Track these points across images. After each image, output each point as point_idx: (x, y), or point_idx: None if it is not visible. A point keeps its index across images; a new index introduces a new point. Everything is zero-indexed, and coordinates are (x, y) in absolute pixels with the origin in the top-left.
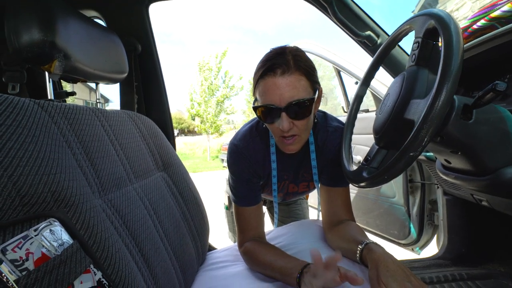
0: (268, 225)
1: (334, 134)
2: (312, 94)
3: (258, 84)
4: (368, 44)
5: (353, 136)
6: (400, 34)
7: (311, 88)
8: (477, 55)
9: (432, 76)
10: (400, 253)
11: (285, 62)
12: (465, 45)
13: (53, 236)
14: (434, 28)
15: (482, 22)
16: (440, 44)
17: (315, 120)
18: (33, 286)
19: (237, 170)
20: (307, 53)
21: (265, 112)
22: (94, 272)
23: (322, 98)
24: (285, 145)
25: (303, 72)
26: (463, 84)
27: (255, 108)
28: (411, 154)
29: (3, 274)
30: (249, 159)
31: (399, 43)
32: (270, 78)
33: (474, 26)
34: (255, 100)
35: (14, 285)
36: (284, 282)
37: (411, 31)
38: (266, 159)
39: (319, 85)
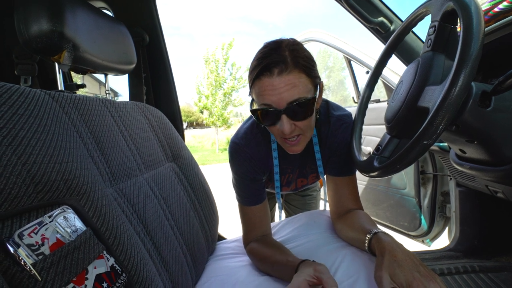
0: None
1: (336, 124)
2: (313, 92)
3: (254, 85)
4: (380, 31)
5: (363, 127)
6: (415, 19)
7: (311, 85)
8: (498, 39)
9: (448, 62)
10: (410, 245)
11: (282, 60)
12: (485, 29)
13: (67, 222)
14: (452, 11)
15: (504, 4)
16: (458, 29)
17: (317, 115)
18: (49, 269)
19: (240, 170)
20: (317, 43)
21: (264, 114)
22: (107, 258)
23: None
24: (288, 146)
25: (302, 69)
26: (481, 71)
27: (253, 112)
28: (424, 142)
29: (21, 258)
30: (251, 157)
31: (413, 30)
32: (267, 79)
33: (496, 9)
34: (252, 100)
35: (32, 268)
36: (285, 280)
37: (427, 15)
38: (268, 156)
39: (320, 79)
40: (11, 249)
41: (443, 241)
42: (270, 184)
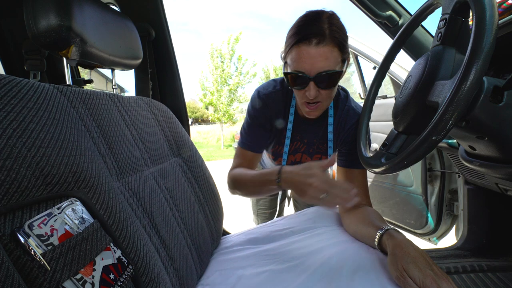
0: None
1: (347, 113)
2: (341, 67)
3: (291, 50)
4: (388, 26)
5: (370, 123)
6: (425, 12)
7: (341, 59)
8: (511, 33)
9: (459, 55)
10: (416, 243)
11: (321, 32)
12: (499, 22)
13: (75, 214)
14: (464, 3)
15: None
16: (470, 22)
17: (339, 96)
18: (58, 260)
19: (253, 113)
20: None
21: (295, 78)
22: (114, 250)
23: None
24: (307, 110)
25: (336, 43)
26: (493, 67)
27: (285, 74)
28: (433, 138)
29: (31, 248)
30: (268, 106)
31: (422, 24)
32: (304, 47)
33: (510, 1)
34: (285, 63)
35: (41, 258)
36: (265, 185)
37: (438, 7)
38: (284, 114)
39: (349, 54)
40: (22, 239)
41: (450, 239)
42: (279, 148)
